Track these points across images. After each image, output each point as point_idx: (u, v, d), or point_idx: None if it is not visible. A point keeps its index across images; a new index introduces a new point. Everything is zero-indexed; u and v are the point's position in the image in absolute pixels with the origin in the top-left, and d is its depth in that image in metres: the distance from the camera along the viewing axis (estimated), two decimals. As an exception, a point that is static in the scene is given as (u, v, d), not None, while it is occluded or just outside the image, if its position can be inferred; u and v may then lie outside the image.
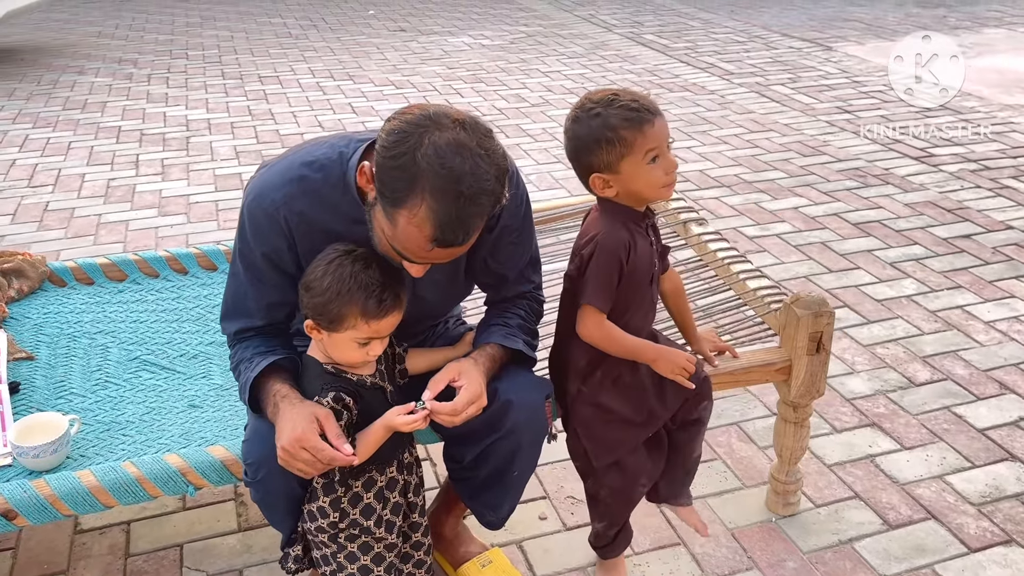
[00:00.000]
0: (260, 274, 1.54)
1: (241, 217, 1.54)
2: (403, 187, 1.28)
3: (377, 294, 1.39)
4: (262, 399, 1.50)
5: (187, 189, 4.11)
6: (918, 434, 2.39)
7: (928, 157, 4.52)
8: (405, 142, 1.28)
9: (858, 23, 7.76)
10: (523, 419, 1.58)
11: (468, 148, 1.28)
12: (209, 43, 7.11)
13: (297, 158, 1.52)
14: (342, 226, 1.49)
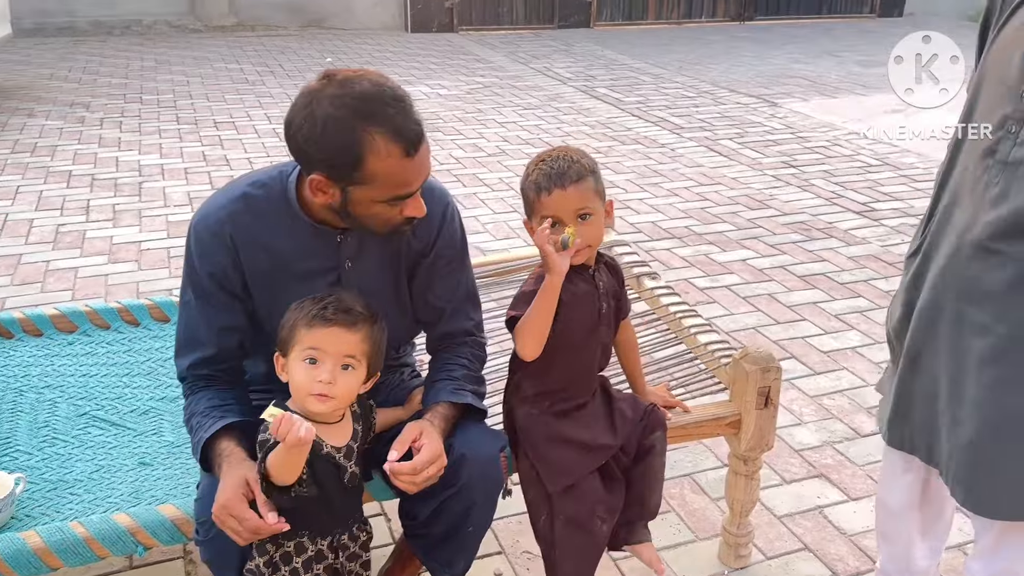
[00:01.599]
0: (208, 296, 1.58)
1: (187, 242, 1.60)
2: (349, 142, 1.39)
3: (323, 303, 1.45)
4: (211, 457, 1.50)
5: (139, 236, 4.06)
6: (864, 485, 2.45)
7: (869, 212, 4.69)
8: (314, 119, 1.39)
9: (802, 80, 8.06)
10: (477, 474, 1.60)
11: (350, 78, 1.41)
12: (164, 87, 7.08)
13: (240, 180, 1.62)
14: (283, 240, 1.56)
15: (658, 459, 1.82)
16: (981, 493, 1.56)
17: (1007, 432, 1.51)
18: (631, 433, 1.78)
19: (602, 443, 1.74)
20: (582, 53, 9.20)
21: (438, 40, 9.81)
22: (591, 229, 1.64)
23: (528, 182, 1.65)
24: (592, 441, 1.73)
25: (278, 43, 9.24)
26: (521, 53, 9.12)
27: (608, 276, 1.77)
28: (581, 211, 1.62)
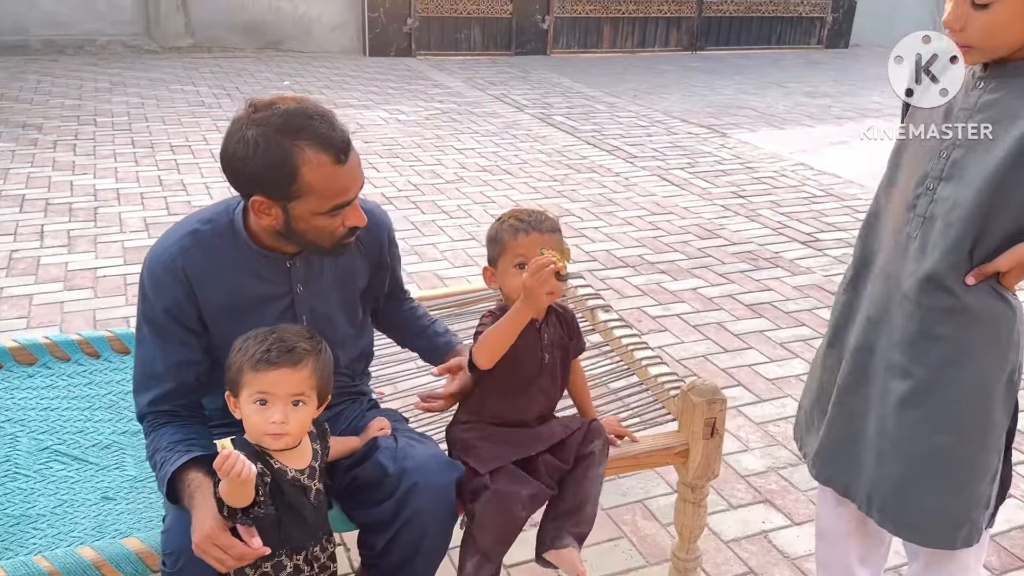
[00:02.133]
0: (163, 331, 1.63)
1: (141, 280, 1.67)
2: (281, 158, 1.48)
3: (267, 345, 1.50)
4: (179, 489, 1.54)
5: (95, 262, 4.05)
6: (807, 510, 2.56)
7: (814, 242, 4.87)
8: (245, 142, 1.49)
9: (751, 111, 8.31)
10: (429, 503, 1.65)
11: (273, 102, 1.52)
12: (119, 109, 7.04)
13: (189, 218, 1.70)
14: (234, 272, 1.64)
15: (595, 469, 1.86)
16: (911, 523, 1.68)
17: (931, 468, 1.64)
18: (570, 443, 1.86)
19: (530, 439, 1.82)
20: (539, 80, 9.36)
21: (396, 64, 9.89)
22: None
23: (503, 226, 1.75)
24: (522, 438, 1.82)
25: (235, 65, 9.24)
26: (479, 79, 9.25)
27: (557, 327, 1.85)
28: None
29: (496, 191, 5.45)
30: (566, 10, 11.03)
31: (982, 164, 1.52)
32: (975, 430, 1.62)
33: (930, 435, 1.63)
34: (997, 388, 1.61)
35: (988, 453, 1.63)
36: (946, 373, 1.61)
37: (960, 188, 1.54)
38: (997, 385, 1.61)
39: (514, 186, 5.57)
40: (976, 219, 1.52)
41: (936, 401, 1.61)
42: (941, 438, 1.62)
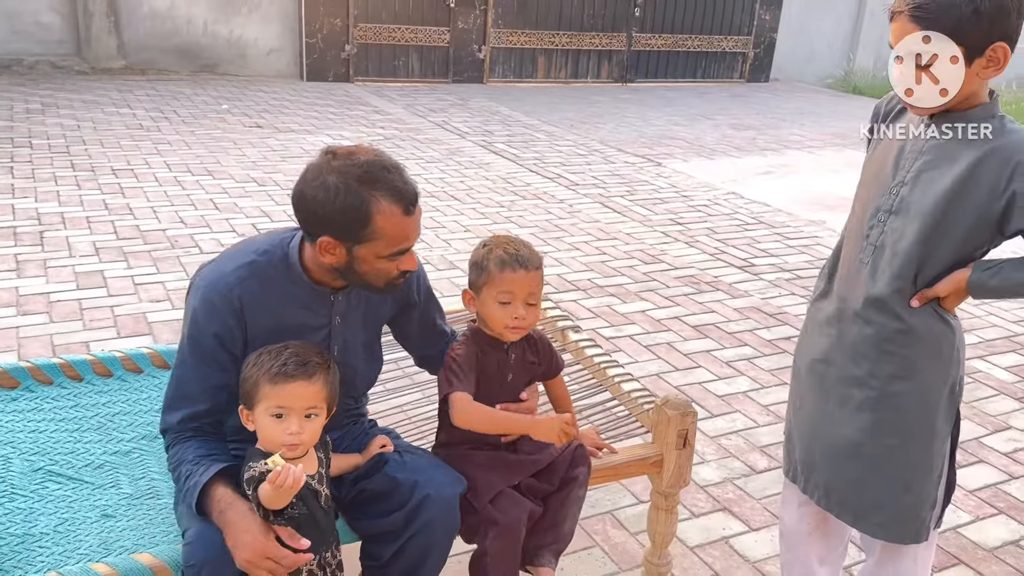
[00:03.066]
0: (208, 355, 1.71)
1: (192, 304, 1.74)
2: (359, 205, 1.61)
3: (282, 359, 1.60)
4: (206, 503, 1.60)
5: (46, 287, 4.00)
6: (762, 516, 2.74)
7: (749, 267, 5.14)
8: (326, 187, 1.61)
9: (682, 141, 8.66)
10: (439, 515, 1.76)
11: (352, 152, 1.65)
12: (54, 131, 6.90)
13: (243, 248, 1.79)
14: (285, 302, 1.75)
15: (578, 491, 2.01)
16: (867, 516, 1.87)
17: (883, 467, 1.83)
18: (556, 466, 1.99)
19: (516, 459, 1.94)
20: (478, 108, 9.55)
21: (334, 90, 9.94)
22: (534, 313, 1.90)
23: (491, 255, 1.87)
24: (508, 459, 1.94)
25: (171, 88, 9.14)
26: (419, 106, 9.37)
27: (525, 350, 2.00)
28: (532, 295, 1.88)
29: (446, 216, 5.57)
30: (502, 41, 11.28)
31: (925, 200, 1.72)
32: (921, 435, 1.82)
33: (882, 438, 1.82)
34: (940, 399, 1.81)
35: (932, 456, 1.83)
36: (895, 385, 1.80)
37: (906, 221, 1.74)
38: (940, 396, 1.81)
39: (463, 212, 5.70)
40: (919, 249, 1.73)
41: (887, 408, 1.81)
42: (891, 441, 1.82)
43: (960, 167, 1.68)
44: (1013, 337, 4.32)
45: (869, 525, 1.89)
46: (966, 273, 1.72)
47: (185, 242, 4.73)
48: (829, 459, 1.92)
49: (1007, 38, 1.58)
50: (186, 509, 1.65)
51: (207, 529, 1.57)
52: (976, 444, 3.27)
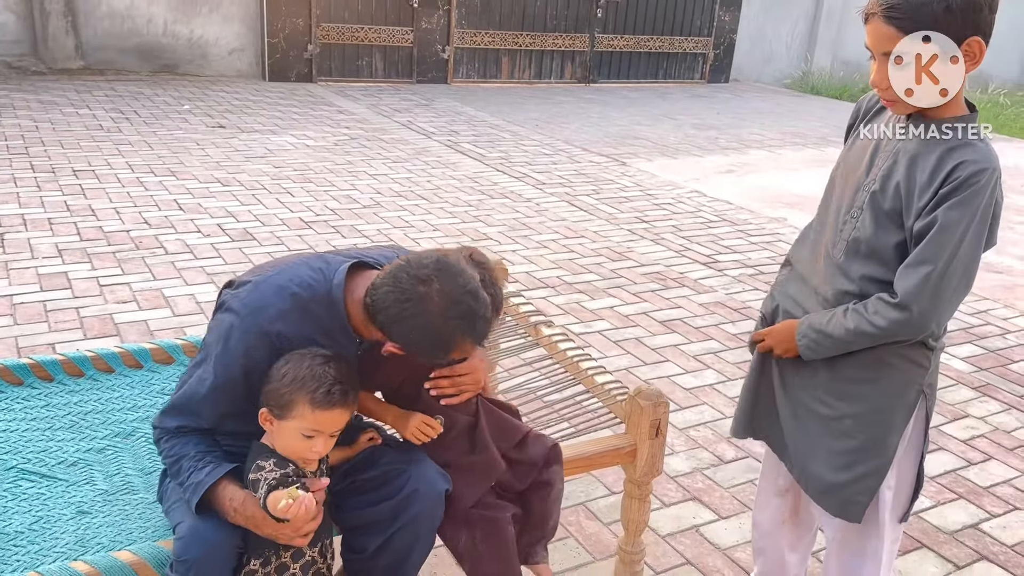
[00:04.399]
0: (231, 385, 1.67)
1: (230, 332, 1.67)
2: (445, 341, 1.61)
3: (327, 386, 1.58)
4: (210, 500, 1.62)
5: (9, 289, 3.93)
6: (731, 505, 2.80)
7: (714, 263, 5.22)
8: (416, 324, 1.59)
9: (646, 141, 8.75)
10: (426, 510, 1.78)
11: (463, 299, 1.60)
12: (11, 132, 6.77)
13: (286, 276, 1.71)
14: (318, 339, 1.70)
15: (556, 487, 2.05)
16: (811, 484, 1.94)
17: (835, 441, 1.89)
18: (528, 464, 2.02)
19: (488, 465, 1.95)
20: (443, 108, 9.55)
21: (297, 90, 9.88)
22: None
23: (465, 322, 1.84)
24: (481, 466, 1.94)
25: (131, 88, 9.01)
26: (383, 106, 9.35)
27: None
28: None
29: (414, 216, 5.58)
30: (465, 41, 11.30)
31: (883, 202, 1.77)
32: (875, 424, 1.84)
33: (840, 418, 1.87)
34: (902, 397, 1.83)
35: (883, 447, 1.84)
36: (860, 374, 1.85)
37: (872, 221, 1.78)
38: (902, 395, 1.83)
39: (431, 211, 5.72)
40: (878, 250, 1.77)
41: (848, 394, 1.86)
42: (847, 422, 1.86)
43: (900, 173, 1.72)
44: (969, 329, 4.46)
45: (812, 491, 1.95)
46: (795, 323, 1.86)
47: (150, 243, 4.68)
48: (792, 418, 1.97)
49: (980, 32, 1.61)
50: (182, 505, 1.65)
51: (201, 525, 1.58)
52: (936, 432, 3.37)
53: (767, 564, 2.25)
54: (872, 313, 1.73)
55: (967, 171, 1.62)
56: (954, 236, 1.63)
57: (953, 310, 1.74)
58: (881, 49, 1.66)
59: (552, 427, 2.38)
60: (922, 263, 1.66)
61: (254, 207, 5.47)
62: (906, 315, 1.68)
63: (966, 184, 1.62)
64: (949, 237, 1.63)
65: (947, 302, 1.69)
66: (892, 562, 2.04)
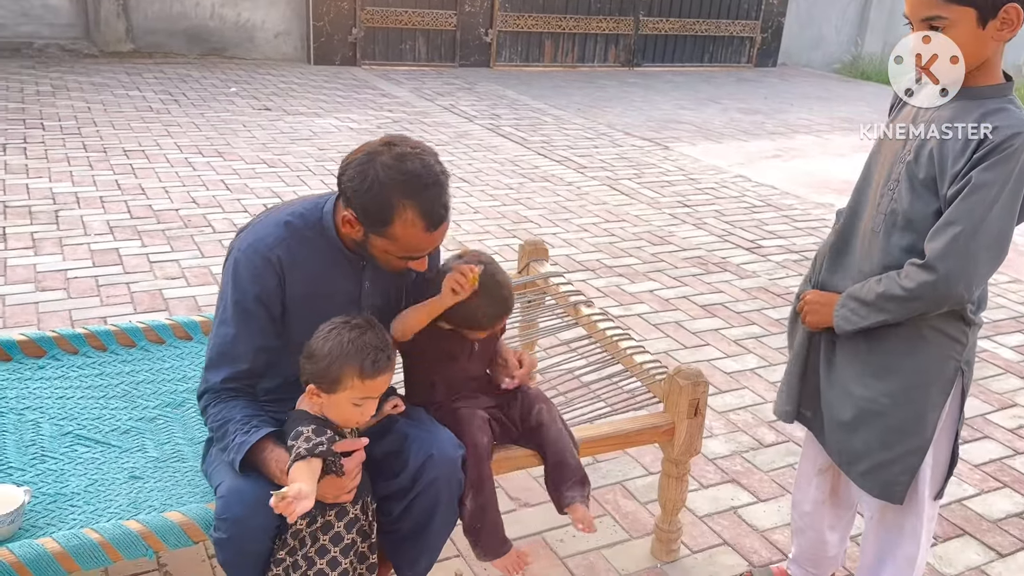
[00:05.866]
0: (250, 317, 1.76)
1: (234, 267, 1.78)
2: (384, 207, 1.64)
3: (372, 356, 1.63)
4: (254, 460, 1.67)
5: (63, 264, 4.05)
6: (770, 488, 2.79)
7: (757, 248, 5.17)
8: (365, 177, 1.64)
9: (689, 125, 8.67)
10: (444, 474, 1.82)
11: (407, 154, 1.66)
12: (65, 113, 6.94)
13: (279, 211, 1.83)
14: (319, 264, 1.80)
15: (553, 427, 2.04)
16: (853, 465, 1.93)
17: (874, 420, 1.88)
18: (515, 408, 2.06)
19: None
20: (485, 92, 9.56)
21: (342, 73, 9.95)
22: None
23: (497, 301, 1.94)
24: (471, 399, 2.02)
25: (179, 71, 9.16)
26: (426, 90, 9.39)
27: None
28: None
29: (454, 198, 5.58)
30: (508, 25, 11.27)
31: (918, 172, 1.75)
32: (913, 400, 1.82)
33: (877, 394, 1.86)
34: (941, 372, 1.81)
35: (921, 425, 1.83)
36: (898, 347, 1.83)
37: (908, 191, 1.77)
38: (941, 370, 1.81)
39: (472, 193, 5.74)
40: (915, 220, 1.75)
41: (887, 368, 1.85)
42: (884, 399, 1.85)
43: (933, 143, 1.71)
44: (1019, 318, 4.36)
45: (853, 472, 1.94)
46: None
47: (198, 222, 4.78)
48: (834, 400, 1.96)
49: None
50: (226, 465, 1.70)
51: (242, 484, 1.63)
52: (982, 420, 3.31)
53: (806, 544, 2.25)
54: (903, 277, 1.72)
55: (1001, 135, 1.61)
56: (986, 198, 1.62)
57: (984, 277, 1.71)
58: (919, 16, 1.65)
59: (588, 406, 2.40)
60: (951, 224, 1.65)
61: (299, 188, 5.55)
62: (932, 276, 1.67)
63: (1000, 148, 1.60)
64: (981, 199, 1.62)
65: (976, 265, 1.66)
66: (929, 539, 2.03)
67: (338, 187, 1.75)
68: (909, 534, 1.97)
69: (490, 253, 4.71)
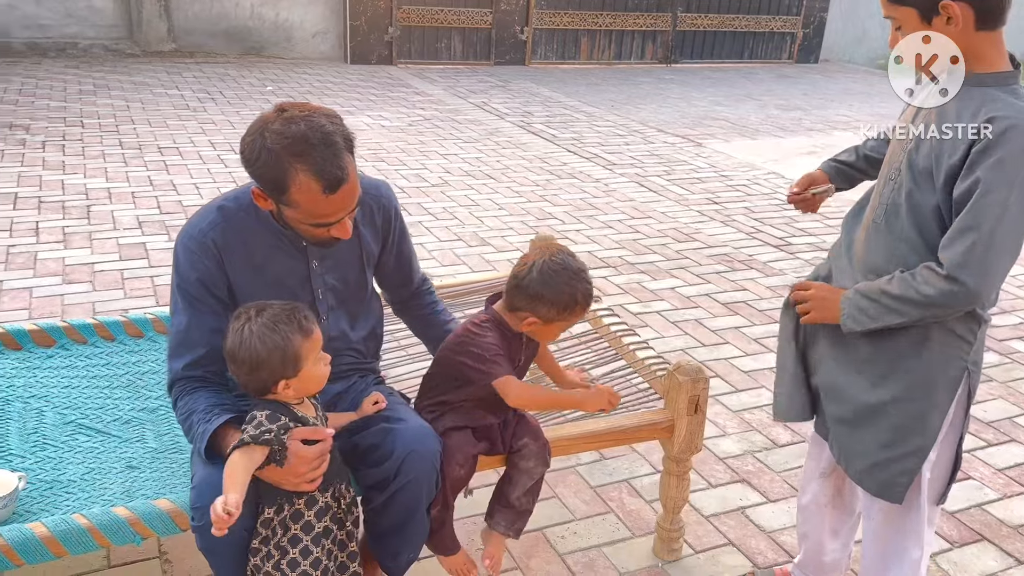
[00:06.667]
0: (196, 301, 1.78)
1: (175, 255, 1.81)
2: (277, 174, 1.62)
3: (297, 316, 1.66)
4: (221, 446, 1.67)
5: (91, 257, 4.14)
6: (781, 489, 2.74)
7: (786, 245, 5.07)
8: (255, 146, 1.63)
9: (724, 122, 8.55)
10: (424, 469, 1.81)
11: (295, 117, 1.62)
12: (104, 111, 7.10)
13: (217, 199, 1.86)
14: (257, 246, 1.81)
15: (525, 462, 2.02)
16: (852, 463, 1.88)
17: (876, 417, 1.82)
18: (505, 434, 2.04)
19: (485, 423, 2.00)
20: (518, 90, 9.55)
21: (377, 72, 10.03)
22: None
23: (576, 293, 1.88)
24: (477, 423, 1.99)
25: (217, 70, 9.32)
26: (459, 88, 9.41)
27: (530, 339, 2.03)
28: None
29: (480, 195, 5.61)
30: (544, 22, 11.25)
31: (918, 161, 1.69)
32: (917, 399, 1.76)
33: (880, 390, 1.80)
34: (946, 371, 1.75)
35: (923, 425, 1.77)
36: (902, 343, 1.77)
37: (909, 181, 1.72)
38: (946, 368, 1.75)
39: (497, 190, 5.73)
40: (915, 211, 1.70)
41: (891, 366, 1.79)
42: (885, 395, 1.80)
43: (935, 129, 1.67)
44: (1056, 318, 4.21)
45: (852, 470, 1.90)
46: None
47: (225, 217, 4.85)
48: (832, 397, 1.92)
49: None
50: (195, 455, 1.72)
51: (212, 473, 1.64)
52: (1009, 423, 3.21)
53: (810, 549, 2.20)
54: (921, 282, 1.66)
55: (998, 127, 1.55)
56: (997, 201, 1.56)
57: (1003, 278, 1.66)
58: (884, 13, 1.67)
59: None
60: (965, 231, 1.59)
61: (326, 184, 5.59)
62: (954, 287, 1.61)
63: (999, 143, 1.54)
64: (992, 202, 1.56)
65: (996, 272, 1.62)
66: (931, 544, 1.97)
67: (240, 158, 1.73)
68: (912, 538, 1.91)
69: (510, 249, 4.69)
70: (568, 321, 1.93)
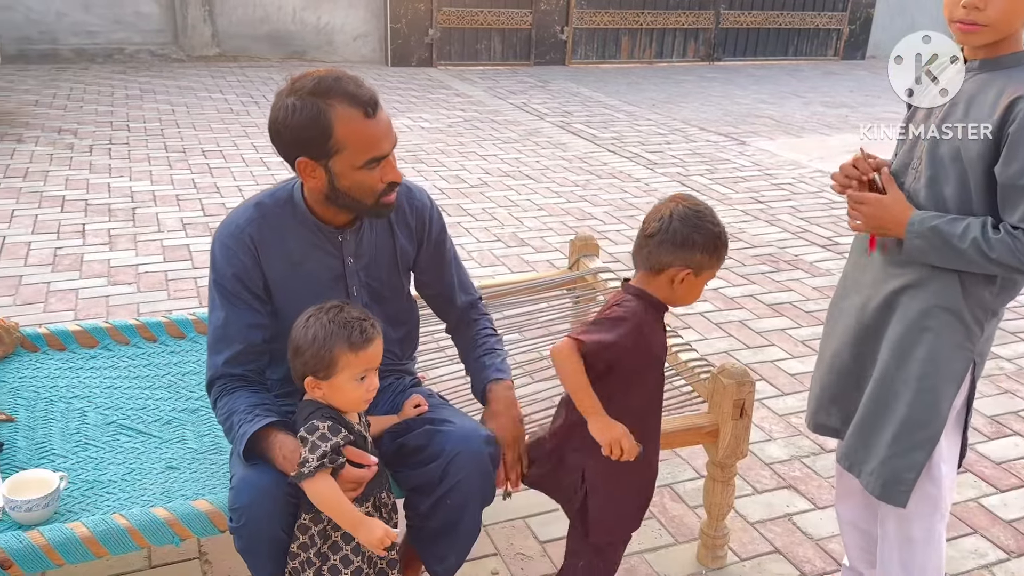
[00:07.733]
0: (233, 296, 1.78)
1: (212, 251, 1.82)
2: (316, 116, 1.64)
3: (358, 328, 1.62)
4: (261, 448, 1.66)
5: (135, 259, 4.20)
6: (829, 495, 2.65)
7: (834, 245, 4.96)
8: (285, 110, 1.66)
9: (769, 119, 8.41)
10: (472, 474, 1.76)
11: (306, 74, 1.69)
12: (150, 115, 7.22)
13: (253, 196, 1.86)
14: (293, 241, 1.81)
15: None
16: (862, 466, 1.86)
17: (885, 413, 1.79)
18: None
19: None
20: (558, 90, 9.50)
21: (418, 74, 10.06)
22: None
23: (720, 232, 1.78)
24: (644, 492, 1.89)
25: (261, 74, 9.43)
26: (499, 89, 9.39)
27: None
28: None
29: (519, 195, 5.57)
30: (584, 21, 11.18)
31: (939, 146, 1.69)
32: (925, 388, 1.73)
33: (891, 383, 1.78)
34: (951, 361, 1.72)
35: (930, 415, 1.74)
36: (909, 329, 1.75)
37: (930, 166, 1.71)
38: (952, 359, 1.72)
39: (537, 191, 5.70)
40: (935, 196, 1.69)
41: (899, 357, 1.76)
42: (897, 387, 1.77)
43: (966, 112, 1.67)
44: (1119, 320, 4.05)
45: (857, 470, 1.87)
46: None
47: (266, 219, 4.88)
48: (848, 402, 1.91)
49: None
50: (235, 456, 1.71)
51: (251, 474, 1.63)
52: (1070, 429, 3.08)
53: (854, 556, 2.13)
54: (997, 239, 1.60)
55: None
56: None
57: None
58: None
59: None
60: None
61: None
62: None
63: None
64: None
65: None
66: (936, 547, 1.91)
67: (279, 151, 1.73)
68: (934, 541, 1.87)
69: (549, 250, 4.63)
70: (715, 267, 1.78)
